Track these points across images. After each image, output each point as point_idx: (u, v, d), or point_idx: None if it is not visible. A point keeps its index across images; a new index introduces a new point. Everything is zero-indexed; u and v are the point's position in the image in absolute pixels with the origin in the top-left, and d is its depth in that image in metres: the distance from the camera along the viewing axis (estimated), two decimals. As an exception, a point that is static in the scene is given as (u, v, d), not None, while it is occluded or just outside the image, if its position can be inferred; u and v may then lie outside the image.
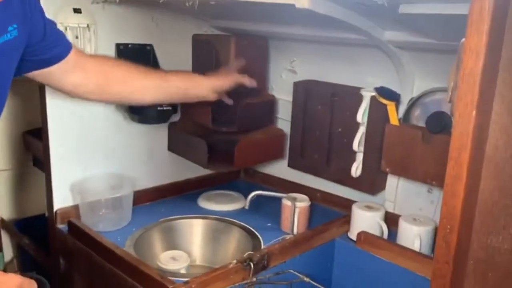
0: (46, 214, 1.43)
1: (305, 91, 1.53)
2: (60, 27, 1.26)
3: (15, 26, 0.87)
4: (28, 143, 1.88)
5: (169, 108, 1.40)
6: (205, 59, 1.57)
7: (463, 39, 0.45)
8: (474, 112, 0.44)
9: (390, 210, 1.42)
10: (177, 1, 1.18)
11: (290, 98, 1.58)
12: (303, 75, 1.60)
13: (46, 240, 1.49)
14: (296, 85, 1.55)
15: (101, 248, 1.22)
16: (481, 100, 0.45)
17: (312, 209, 1.48)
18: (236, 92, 1.47)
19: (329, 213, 1.53)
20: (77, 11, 1.28)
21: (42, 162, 1.47)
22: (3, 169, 1.92)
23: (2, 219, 1.88)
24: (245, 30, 1.56)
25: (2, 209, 1.91)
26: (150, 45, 1.47)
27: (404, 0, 0.89)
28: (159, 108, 1.37)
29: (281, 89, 1.67)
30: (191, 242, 1.44)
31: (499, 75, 0.45)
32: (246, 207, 1.31)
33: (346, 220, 1.40)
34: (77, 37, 1.30)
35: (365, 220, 1.34)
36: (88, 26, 1.31)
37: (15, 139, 1.92)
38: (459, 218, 0.48)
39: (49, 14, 1.23)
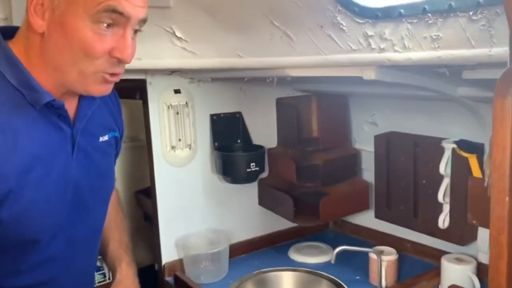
0: (156, 267, 1.63)
1: (386, 143, 1.58)
2: (163, 106, 1.49)
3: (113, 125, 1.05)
4: (140, 201, 2.14)
5: (257, 168, 1.54)
6: (288, 119, 1.70)
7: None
8: (507, 198, 0.50)
9: (484, 261, 1.38)
10: (259, 78, 1.34)
11: (373, 149, 1.63)
12: (385, 128, 1.65)
13: (156, 290, 1.67)
14: (377, 137, 1.60)
15: (202, 299, 1.36)
16: (512, 187, 0.50)
17: (402, 260, 1.49)
18: (318, 147, 1.57)
19: (420, 265, 1.53)
20: (177, 91, 1.51)
21: (151, 218, 1.69)
22: (121, 224, 2.19)
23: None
24: (326, 91, 1.68)
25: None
26: (239, 112, 1.65)
27: (468, 66, 0.94)
28: (248, 170, 1.52)
29: (364, 141, 1.73)
30: (283, 293, 1.53)
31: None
32: (333, 262, 1.37)
33: (437, 272, 1.39)
34: (177, 113, 1.52)
35: (455, 273, 1.32)
36: (186, 103, 1.53)
37: (129, 197, 2.19)
38: (506, 294, 0.52)
39: (154, 98, 1.47)
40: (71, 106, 0.91)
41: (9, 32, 0.82)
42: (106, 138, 1.02)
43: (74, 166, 0.92)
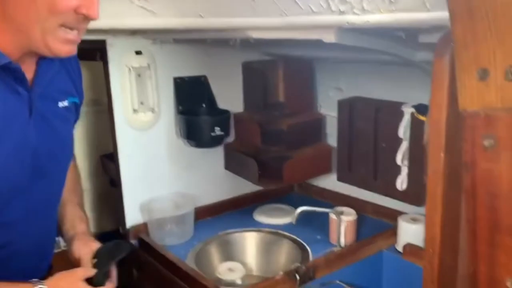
0: (121, 230, 1.63)
1: (349, 108, 1.60)
2: (124, 68, 1.46)
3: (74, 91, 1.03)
4: (105, 166, 2.12)
5: (222, 133, 1.54)
6: (254, 84, 1.70)
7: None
8: (442, 154, 0.52)
9: (438, 221, 1.44)
10: (221, 40, 1.32)
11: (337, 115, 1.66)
12: (349, 93, 1.67)
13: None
14: (341, 103, 1.63)
15: (166, 261, 1.39)
16: (448, 144, 0.53)
17: (361, 221, 1.55)
18: (283, 112, 1.58)
19: (379, 225, 1.59)
20: (138, 53, 1.47)
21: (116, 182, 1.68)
22: (85, 189, 2.17)
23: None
24: (292, 56, 1.67)
25: (89, 223, 2.16)
26: (204, 76, 1.63)
27: (423, 29, 0.95)
28: (212, 134, 1.52)
29: (329, 107, 1.75)
30: (247, 253, 1.57)
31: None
32: (294, 222, 1.41)
33: (393, 232, 1.45)
34: (139, 75, 1.49)
35: (411, 232, 1.38)
36: (148, 65, 1.50)
37: (95, 163, 2.17)
38: (439, 244, 0.55)
39: (114, 59, 1.43)
40: (29, 69, 0.89)
41: None
42: (65, 103, 1.00)
43: (32, 131, 0.91)
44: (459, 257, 0.57)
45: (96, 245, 1.09)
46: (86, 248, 1.07)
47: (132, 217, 1.58)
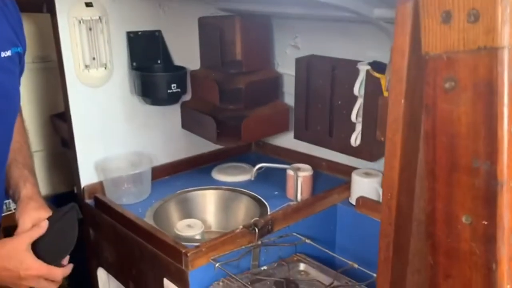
0: (75, 191, 1.59)
1: (306, 67, 1.61)
2: (74, 21, 1.38)
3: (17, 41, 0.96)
4: (56, 126, 2.03)
5: (178, 90, 1.51)
6: (211, 40, 1.66)
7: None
8: (402, 101, 0.54)
9: (389, 176, 1.51)
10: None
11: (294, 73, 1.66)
12: (306, 51, 1.67)
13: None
14: (298, 61, 1.63)
15: (124, 219, 1.37)
16: (408, 90, 0.54)
17: (317, 177, 1.59)
18: (241, 70, 1.56)
19: (334, 181, 1.64)
20: (89, 5, 1.39)
21: (69, 142, 1.62)
22: (35, 150, 2.08)
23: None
24: (249, 11, 1.64)
25: (41, 185, 2.09)
26: (158, 31, 1.57)
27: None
28: (168, 91, 1.48)
29: (287, 65, 1.75)
30: (205, 211, 1.58)
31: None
32: (252, 179, 1.43)
33: (347, 186, 1.50)
34: (90, 29, 1.42)
35: (363, 186, 1.44)
36: (100, 18, 1.43)
37: (44, 122, 2.07)
38: (397, 188, 0.58)
39: (62, 10, 1.35)
40: None
41: None
42: (8, 53, 0.94)
43: None
44: (415, 200, 0.60)
45: (42, 212, 1.01)
46: (27, 216, 0.99)
47: (87, 177, 1.54)
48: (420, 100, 0.52)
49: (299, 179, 1.46)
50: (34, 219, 0.99)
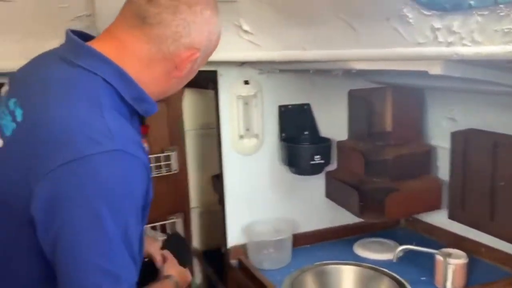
0: (222, 250, 1.70)
1: (464, 141, 1.48)
2: (233, 96, 1.55)
3: None
4: (215, 185, 2.23)
5: (322, 161, 1.54)
6: (359, 112, 1.66)
7: None
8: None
9: None
10: (324, 70, 1.33)
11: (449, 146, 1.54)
12: (463, 124, 1.55)
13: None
14: (454, 135, 1.52)
15: (262, 286, 1.41)
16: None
17: (474, 265, 1.41)
18: (389, 142, 1.52)
19: (495, 272, 1.43)
20: (246, 82, 1.55)
21: (223, 203, 1.76)
22: (196, 206, 2.31)
23: (195, 249, 2.25)
24: (401, 84, 1.61)
25: (195, 240, 2.29)
26: (307, 104, 1.65)
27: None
28: (311, 162, 1.52)
29: (440, 137, 1.64)
30: (343, 287, 1.52)
31: None
32: (394, 260, 1.33)
33: (510, 282, 1.29)
34: (246, 103, 1.56)
35: (532, 285, 1.22)
36: (255, 93, 1.57)
37: (206, 181, 2.29)
38: None
39: (224, 88, 1.53)
40: None
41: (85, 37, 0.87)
42: None
43: None
44: None
45: (155, 243, 1.17)
46: (153, 250, 1.15)
47: (233, 238, 1.64)
48: None
49: (450, 266, 1.31)
50: (157, 250, 1.15)
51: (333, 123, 1.70)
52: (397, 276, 1.44)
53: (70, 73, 0.80)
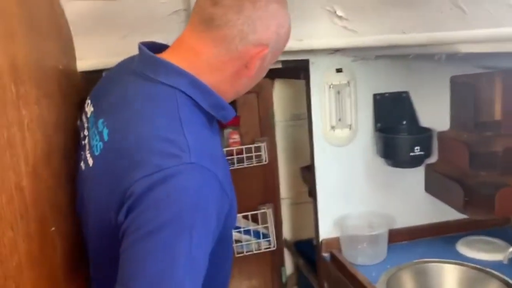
0: (314, 242, 1.68)
1: None
2: (324, 85, 1.51)
3: None
4: (305, 177, 2.21)
5: (422, 153, 1.44)
6: (464, 100, 1.53)
7: None
8: None
9: None
10: (425, 54, 1.23)
11: None
12: None
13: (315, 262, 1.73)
14: None
15: (356, 281, 1.36)
16: None
17: None
18: (499, 132, 1.38)
19: None
20: (339, 70, 1.50)
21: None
22: (286, 197, 2.31)
23: (286, 240, 2.26)
24: (512, 67, 1.45)
25: (285, 230, 2.29)
26: (406, 92, 1.55)
27: None
28: (411, 154, 1.43)
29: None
30: (444, 287, 1.42)
31: None
32: (505, 262, 1.20)
33: None
34: (338, 93, 1.51)
35: None
36: (348, 82, 1.51)
37: (294, 172, 2.28)
38: None
39: (316, 77, 1.49)
40: None
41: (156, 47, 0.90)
42: None
43: None
44: None
45: None
46: None
47: (325, 231, 1.61)
48: None
49: None
50: None
51: (434, 112, 1.58)
52: (508, 279, 1.30)
53: (149, 89, 0.84)
